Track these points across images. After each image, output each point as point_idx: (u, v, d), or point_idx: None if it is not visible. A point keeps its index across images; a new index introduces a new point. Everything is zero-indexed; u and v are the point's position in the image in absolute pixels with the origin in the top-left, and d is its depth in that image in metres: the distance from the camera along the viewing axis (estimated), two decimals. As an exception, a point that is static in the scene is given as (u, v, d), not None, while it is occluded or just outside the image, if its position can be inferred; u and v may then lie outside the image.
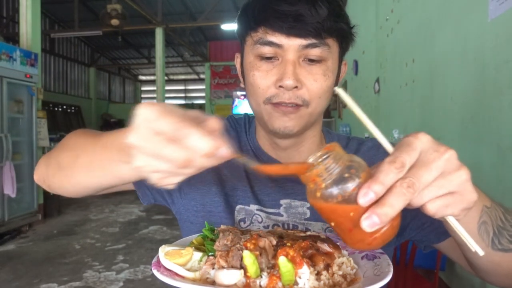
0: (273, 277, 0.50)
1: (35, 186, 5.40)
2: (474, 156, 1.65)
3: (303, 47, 0.67)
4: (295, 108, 0.69)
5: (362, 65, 4.94)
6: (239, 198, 0.78)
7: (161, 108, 0.41)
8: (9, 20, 10.04)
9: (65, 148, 0.68)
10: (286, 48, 0.67)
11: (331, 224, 0.45)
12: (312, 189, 0.44)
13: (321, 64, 0.69)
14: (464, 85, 1.79)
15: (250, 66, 0.70)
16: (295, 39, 0.66)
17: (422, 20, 2.46)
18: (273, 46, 0.67)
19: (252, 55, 0.70)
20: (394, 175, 0.39)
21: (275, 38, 0.66)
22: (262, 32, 0.68)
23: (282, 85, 0.67)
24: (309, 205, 0.77)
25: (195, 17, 11.38)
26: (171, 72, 17.87)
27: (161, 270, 0.54)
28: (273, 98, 0.69)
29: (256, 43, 0.68)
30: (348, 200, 0.41)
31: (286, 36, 0.66)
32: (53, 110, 11.47)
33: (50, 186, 0.71)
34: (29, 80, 5.19)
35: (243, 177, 0.79)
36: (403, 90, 2.93)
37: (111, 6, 7.51)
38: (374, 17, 4.06)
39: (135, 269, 3.83)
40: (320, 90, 0.69)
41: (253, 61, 0.70)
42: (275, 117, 0.70)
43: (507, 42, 1.40)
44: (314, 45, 0.67)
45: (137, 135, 0.40)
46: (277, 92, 0.68)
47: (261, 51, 0.68)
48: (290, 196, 0.77)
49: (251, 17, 0.69)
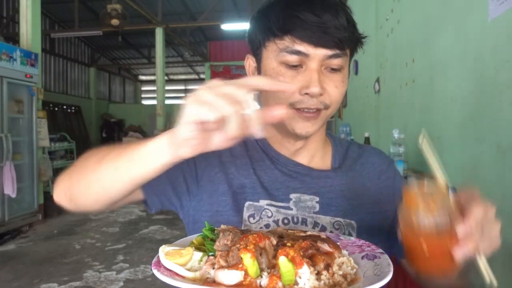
0: (273, 277, 0.50)
1: (35, 186, 5.40)
2: (474, 156, 1.65)
3: (327, 57, 0.70)
4: (316, 113, 0.73)
5: (362, 65, 4.94)
6: (248, 195, 0.79)
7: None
8: (9, 20, 10.04)
9: (88, 156, 0.70)
10: (312, 57, 0.69)
11: (413, 247, 0.52)
12: (415, 211, 0.49)
13: (340, 72, 0.73)
14: (464, 85, 1.79)
15: (274, 72, 0.72)
16: (322, 49, 0.69)
17: (422, 20, 2.46)
18: (300, 55, 0.69)
19: (276, 61, 0.71)
20: (475, 229, 0.53)
21: (303, 47, 0.69)
22: (289, 41, 0.69)
23: (309, 93, 0.69)
24: (318, 199, 0.79)
25: (195, 17, 11.37)
26: (171, 72, 17.88)
27: (161, 270, 0.55)
28: (297, 104, 0.71)
29: (282, 51, 0.70)
30: (443, 231, 0.49)
31: (314, 47, 0.68)
32: (53, 110, 11.47)
33: (71, 198, 0.71)
34: (29, 80, 5.19)
35: (251, 174, 0.80)
36: (403, 90, 2.93)
37: (111, 6, 7.51)
38: (374, 17, 4.06)
39: (135, 269, 3.83)
40: (339, 96, 0.74)
41: (277, 68, 0.72)
42: (298, 122, 0.73)
43: (507, 42, 1.40)
44: (337, 56, 0.70)
45: (191, 97, 0.50)
46: (301, 99, 0.71)
47: (287, 58, 0.70)
48: (300, 191, 0.79)
49: (275, 24, 0.70)
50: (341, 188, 0.81)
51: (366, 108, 4.59)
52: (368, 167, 0.87)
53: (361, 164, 0.87)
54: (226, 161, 0.82)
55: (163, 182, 0.78)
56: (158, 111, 10.04)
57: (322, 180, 0.81)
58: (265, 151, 0.83)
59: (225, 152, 0.82)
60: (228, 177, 0.80)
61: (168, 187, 0.79)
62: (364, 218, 0.80)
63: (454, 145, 1.88)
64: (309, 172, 0.82)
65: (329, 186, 0.81)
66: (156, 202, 0.80)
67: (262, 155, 0.83)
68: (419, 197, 0.49)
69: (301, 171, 0.81)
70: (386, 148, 2.31)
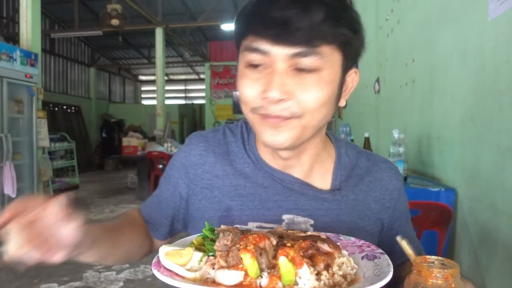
0: (273, 277, 0.50)
1: (35, 186, 5.40)
2: (474, 156, 1.65)
3: (291, 55, 0.61)
4: (283, 120, 0.64)
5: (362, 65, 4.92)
6: (235, 218, 0.75)
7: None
8: (9, 20, 10.03)
9: None
10: (273, 57, 0.62)
11: None
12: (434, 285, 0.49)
13: (314, 74, 0.62)
14: (464, 85, 1.79)
15: (240, 74, 0.68)
16: (283, 47, 0.61)
17: (422, 20, 2.46)
18: (260, 54, 0.63)
19: (242, 62, 0.67)
20: None
21: (261, 45, 0.62)
22: (250, 39, 0.64)
23: (268, 97, 0.62)
24: (313, 222, 0.74)
25: (195, 17, 11.37)
26: (171, 72, 17.87)
27: (161, 270, 0.55)
28: (259, 109, 0.64)
29: (245, 50, 0.65)
30: None
31: (273, 44, 0.61)
32: (53, 110, 11.46)
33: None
34: (29, 80, 5.19)
35: (236, 196, 0.76)
36: (403, 90, 2.93)
37: (111, 6, 7.51)
38: (374, 17, 4.06)
39: (135, 269, 3.83)
40: (312, 103, 0.63)
41: (242, 70, 0.67)
42: (264, 130, 0.66)
43: (507, 42, 1.40)
44: (303, 54, 0.61)
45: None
46: (262, 104, 0.64)
47: (248, 58, 0.64)
48: (293, 212, 0.74)
49: (242, 23, 0.67)
50: (337, 212, 0.75)
51: (366, 108, 4.59)
52: (375, 185, 0.79)
53: (368, 182, 0.79)
54: (208, 184, 0.78)
55: (163, 223, 0.84)
56: (158, 111, 10.04)
57: (318, 203, 0.75)
58: (259, 167, 0.78)
59: (206, 175, 0.79)
60: (213, 201, 0.77)
61: (167, 222, 0.85)
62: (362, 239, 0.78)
63: (454, 145, 1.88)
64: (304, 191, 0.75)
65: (325, 209, 0.75)
66: (166, 231, 0.86)
67: (255, 171, 0.77)
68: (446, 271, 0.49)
69: (297, 189, 0.75)
70: (386, 148, 2.31)
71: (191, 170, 0.80)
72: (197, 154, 0.81)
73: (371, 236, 0.78)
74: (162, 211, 0.84)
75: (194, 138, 0.84)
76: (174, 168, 0.83)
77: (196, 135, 0.84)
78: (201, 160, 0.80)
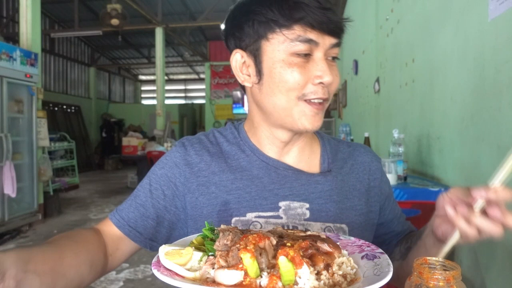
0: (273, 277, 0.50)
1: (35, 186, 5.40)
2: (474, 156, 1.65)
3: (332, 45, 0.70)
4: (322, 105, 0.72)
5: (362, 65, 4.94)
6: (233, 211, 0.77)
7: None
8: (9, 20, 10.03)
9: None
10: (320, 46, 0.69)
11: None
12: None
13: (335, 62, 0.73)
14: (464, 85, 1.79)
15: (285, 64, 0.69)
16: (330, 37, 0.69)
17: (422, 20, 2.46)
18: (311, 44, 0.68)
19: (286, 53, 0.69)
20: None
21: (314, 35, 0.68)
22: (299, 30, 0.67)
23: (323, 82, 0.69)
24: (308, 206, 0.77)
25: (195, 17, 11.37)
26: (171, 72, 17.87)
27: (161, 270, 0.55)
28: (310, 94, 0.70)
29: (294, 40, 0.68)
30: None
31: (324, 34, 0.68)
32: (53, 110, 11.46)
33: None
34: (29, 80, 5.19)
35: (233, 190, 0.78)
36: (403, 90, 2.93)
37: (111, 6, 7.51)
38: (374, 17, 4.06)
39: (135, 269, 3.83)
40: (335, 87, 0.73)
41: (287, 59, 0.69)
42: (309, 117, 0.71)
43: (507, 42, 1.40)
44: (338, 44, 0.71)
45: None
46: (315, 89, 0.70)
47: (298, 48, 0.68)
48: (289, 198, 0.77)
49: (281, 14, 0.68)
50: (330, 193, 0.79)
51: (366, 108, 4.59)
52: (358, 167, 0.86)
53: (351, 165, 0.85)
54: (205, 181, 0.79)
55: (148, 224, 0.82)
56: (158, 111, 10.04)
57: (311, 186, 0.79)
58: (259, 157, 0.81)
59: (202, 173, 0.80)
60: (210, 197, 0.78)
61: (152, 223, 0.82)
62: (354, 221, 0.80)
63: (454, 145, 1.88)
64: (298, 177, 0.79)
65: (319, 191, 0.79)
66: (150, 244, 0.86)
67: (249, 164, 0.80)
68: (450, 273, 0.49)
69: (291, 176, 0.79)
70: (386, 148, 2.32)
71: (186, 169, 0.81)
72: (193, 154, 0.82)
73: (361, 216, 0.81)
74: (146, 212, 0.81)
75: (187, 140, 0.86)
76: (166, 167, 0.82)
77: (187, 138, 0.87)
78: (197, 158, 0.82)
